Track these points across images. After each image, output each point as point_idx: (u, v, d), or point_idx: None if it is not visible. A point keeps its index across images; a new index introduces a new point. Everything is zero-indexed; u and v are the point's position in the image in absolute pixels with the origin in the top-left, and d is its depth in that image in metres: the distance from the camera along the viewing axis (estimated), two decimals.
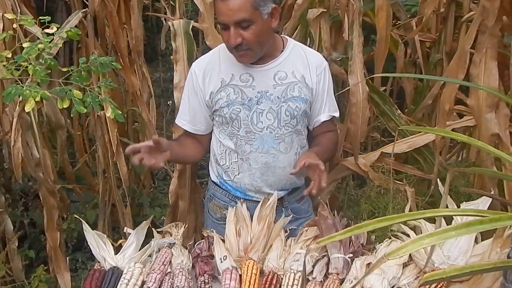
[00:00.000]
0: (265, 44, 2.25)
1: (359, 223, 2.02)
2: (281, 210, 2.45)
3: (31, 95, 1.96)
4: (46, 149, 3.05)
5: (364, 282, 2.00)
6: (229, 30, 2.16)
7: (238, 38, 2.15)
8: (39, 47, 2.11)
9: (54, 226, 3.03)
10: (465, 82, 2.48)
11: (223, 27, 2.19)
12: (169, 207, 2.95)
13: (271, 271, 2.07)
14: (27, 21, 2.30)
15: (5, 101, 2.02)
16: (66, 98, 2.02)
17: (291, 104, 2.32)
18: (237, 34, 2.15)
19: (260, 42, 2.21)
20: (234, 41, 2.16)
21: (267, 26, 2.21)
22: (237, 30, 2.15)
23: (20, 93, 1.98)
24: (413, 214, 1.50)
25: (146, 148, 2.11)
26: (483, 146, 1.92)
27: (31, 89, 1.97)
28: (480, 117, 2.41)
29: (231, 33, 2.15)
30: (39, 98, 1.98)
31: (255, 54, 2.24)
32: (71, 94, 2.02)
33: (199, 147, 2.48)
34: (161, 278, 2.03)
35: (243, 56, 2.24)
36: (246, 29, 2.15)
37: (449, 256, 2.02)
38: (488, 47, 2.35)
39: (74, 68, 2.16)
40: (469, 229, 1.36)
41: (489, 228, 1.36)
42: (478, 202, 2.19)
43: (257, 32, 2.17)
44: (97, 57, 2.21)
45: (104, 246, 2.18)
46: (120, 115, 2.18)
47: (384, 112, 2.80)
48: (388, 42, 2.73)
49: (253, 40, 2.17)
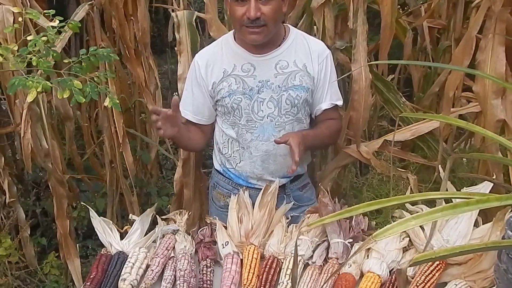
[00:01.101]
0: (278, 24, 2.27)
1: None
2: (283, 197, 2.46)
3: (34, 86, 2.00)
4: (55, 140, 3.10)
5: (363, 265, 2.02)
6: (246, 4, 2.16)
7: (258, 11, 2.16)
8: (43, 40, 2.15)
9: (64, 214, 3.09)
10: (469, 69, 2.47)
11: (238, 2, 2.18)
12: (174, 196, 2.99)
13: (271, 255, 2.09)
14: (33, 14, 2.33)
15: (9, 91, 2.08)
16: (66, 88, 2.06)
17: (292, 92, 2.32)
18: (257, 7, 2.15)
19: (275, 20, 2.22)
20: (255, 13, 2.15)
21: (280, 7, 2.23)
22: (257, 3, 2.15)
23: (23, 84, 2.02)
24: (401, 198, 1.49)
25: (165, 114, 2.20)
26: (481, 131, 1.91)
27: (33, 80, 2.01)
28: (485, 103, 2.40)
29: (252, 5, 2.15)
30: (41, 89, 2.03)
31: (269, 32, 2.24)
32: (71, 84, 2.06)
33: (202, 136, 2.51)
34: (164, 262, 2.09)
35: (256, 33, 2.22)
36: (266, 4, 2.16)
37: (448, 240, 2.01)
38: (495, 33, 2.34)
39: (75, 59, 2.20)
40: (455, 210, 1.36)
41: (475, 209, 1.38)
42: (479, 187, 2.18)
43: (275, 8, 2.18)
44: (97, 48, 2.25)
45: (110, 232, 2.23)
46: (117, 105, 2.22)
47: (388, 100, 2.78)
48: (393, 29, 2.71)
49: (271, 15, 2.18)
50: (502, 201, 1.30)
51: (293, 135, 2.26)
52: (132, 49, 3.29)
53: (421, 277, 1.91)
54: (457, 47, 2.56)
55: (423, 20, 3.52)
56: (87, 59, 2.22)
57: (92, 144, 3.75)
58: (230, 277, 1.99)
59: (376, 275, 1.95)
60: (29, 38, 2.19)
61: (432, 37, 3.66)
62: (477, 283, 1.91)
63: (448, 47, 3.32)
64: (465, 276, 1.93)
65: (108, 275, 2.03)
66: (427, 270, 1.93)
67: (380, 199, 2.46)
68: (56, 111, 3.51)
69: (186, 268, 2.03)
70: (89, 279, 2.02)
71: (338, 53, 2.79)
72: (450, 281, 1.94)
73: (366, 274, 1.97)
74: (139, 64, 3.32)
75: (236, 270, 2.03)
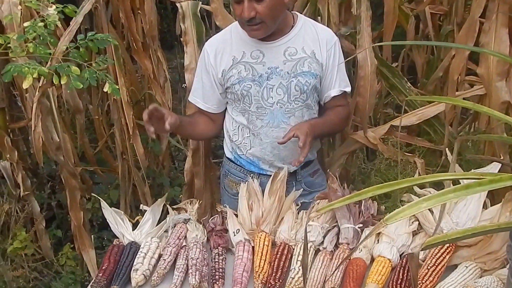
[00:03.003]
0: (277, 18, 2.27)
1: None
2: (294, 184, 2.50)
3: (29, 72, 1.98)
4: (66, 133, 3.12)
5: (373, 250, 2.05)
6: (242, 4, 2.19)
7: (252, 11, 2.18)
8: (39, 26, 2.12)
9: (77, 206, 3.12)
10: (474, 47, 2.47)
11: (236, 1, 2.21)
12: (185, 185, 3.02)
13: (282, 242, 2.12)
14: (32, 2, 2.32)
15: (5, 79, 2.05)
16: (64, 74, 2.05)
17: (301, 79, 2.35)
18: (251, 7, 2.17)
19: (272, 16, 2.23)
20: (248, 14, 2.18)
21: (279, 1, 2.23)
22: (251, 3, 2.17)
23: (19, 70, 2.00)
24: (411, 180, 1.50)
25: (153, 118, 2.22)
26: (489, 111, 1.92)
27: (29, 66, 1.99)
28: (490, 85, 2.42)
29: (245, 6, 2.18)
30: (37, 75, 2.01)
31: (268, 28, 2.26)
32: (68, 70, 2.04)
33: (211, 124, 2.54)
34: (176, 251, 2.12)
35: (255, 30, 2.26)
36: (260, 2, 2.17)
37: (458, 223, 2.05)
38: (499, 12, 2.35)
39: (72, 45, 2.19)
40: (468, 191, 1.34)
41: (488, 189, 1.34)
42: (487, 168, 2.20)
43: (270, 6, 2.19)
44: (95, 33, 2.23)
45: (122, 223, 2.26)
46: (117, 91, 2.22)
47: (393, 85, 2.81)
48: (396, 15, 2.74)
49: (266, 13, 2.19)
50: None
51: (301, 125, 2.30)
52: (140, 42, 3.31)
53: (431, 260, 1.94)
54: (460, 31, 2.57)
55: (425, 6, 3.52)
56: (85, 44, 2.20)
57: (104, 137, 3.78)
58: (242, 264, 2.02)
59: (387, 259, 1.98)
60: (25, 24, 2.17)
61: (435, 23, 3.67)
62: (487, 265, 1.94)
63: (451, 32, 3.33)
64: (475, 258, 1.96)
65: (121, 266, 2.06)
66: (437, 253, 1.96)
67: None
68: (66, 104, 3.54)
69: (198, 256, 2.06)
70: (102, 270, 2.05)
71: (343, 40, 2.81)
72: (460, 263, 1.97)
73: (377, 259, 2.00)
74: (147, 56, 3.34)
75: (248, 257, 2.06)
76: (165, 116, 2.22)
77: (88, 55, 2.22)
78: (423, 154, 2.81)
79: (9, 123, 3.39)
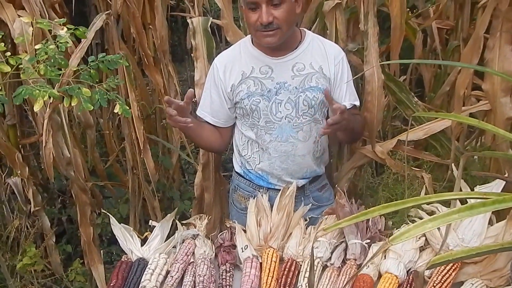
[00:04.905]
0: (292, 26, 2.32)
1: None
2: (303, 198, 2.53)
3: (40, 95, 1.99)
4: (77, 148, 3.14)
5: (380, 266, 2.06)
6: (259, 10, 2.21)
7: (270, 16, 2.21)
8: (51, 48, 2.13)
9: (87, 222, 3.13)
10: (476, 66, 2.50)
11: (252, 8, 2.24)
12: (195, 200, 3.04)
13: (290, 258, 2.13)
14: (43, 24, 2.33)
15: (15, 101, 2.05)
16: (75, 96, 2.05)
17: (309, 94, 2.38)
18: (269, 12, 2.21)
19: (288, 22, 2.27)
20: (267, 19, 2.21)
21: (294, 9, 2.28)
22: (269, 9, 2.21)
23: (30, 93, 2.01)
24: (417, 199, 1.53)
25: (177, 105, 2.28)
26: (493, 129, 1.94)
27: (40, 88, 2.00)
28: (495, 101, 2.45)
29: (263, 11, 2.20)
30: (47, 97, 2.01)
31: (283, 34, 2.28)
32: (79, 92, 2.05)
33: (218, 137, 2.56)
34: (184, 267, 2.12)
35: (271, 36, 2.27)
36: (278, 7, 2.21)
37: (464, 239, 2.05)
38: (502, 31, 2.38)
39: (83, 67, 2.19)
40: (472, 211, 1.36)
41: (492, 210, 1.36)
42: (492, 184, 2.22)
43: (287, 11, 2.23)
44: (105, 55, 2.24)
45: (131, 239, 2.27)
46: (128, 111, 2.22)
47: (401, 100, 2.82)
48: (403, 31, 2.75)
49: (284, 18, 2.23)
50: None
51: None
52: (151, 57, 3.35)
53: (437, 277, 1.95)
54: (465, 47, 2.60)
55: (432, 21, 3.55)
56: (96, 66, 2.21)
57: (114, 151, 3.81)
58: (250, 281, 2.02)
59: (394, 275, 1.99)
60: (36, 47, 2.18)
61: (442, 38, 3.69)
62: (493, 282, 1.95)
63: (457, 47, 3.35)
64: (481, 275, 1.97)
65: (129, 283, 2.06)
66: (443, 270, 1.97)
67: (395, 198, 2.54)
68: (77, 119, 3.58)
69: (205, 273, 2.06)
70: (110, 287, 2.05)
71: (351, 55, 2.83)
72: (466, 280, 1.97)
73: (384, 275, 2.01)
74: (157, 71, 3.38)
75: (256, 274, 2.06)
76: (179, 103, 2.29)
77: (98, 74, 2.25)
78: (430, 168, 2.82)
79: (20, 138, 3.41)
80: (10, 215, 3.42)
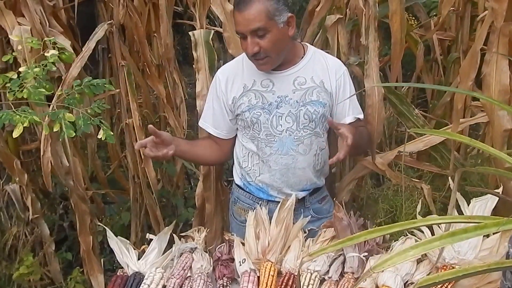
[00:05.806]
0: (282, 52, 2.34)
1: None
2: (303, 210, 2.54)
3: (20, 120, 1.98)
4: (76, 157, 3.12)
5: (378, 279, 2.05)
6: (246, 39, 2.26)
7: (255, 46, 2.25)
8: (35, 71, 2.15)
9: (87, 230, 3.11)
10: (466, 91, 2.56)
11: (241, 37, 2.29)
12: (196, 210, 3.05)
13: (287, 272, 2.13)
14: (32, 42, 2.38)
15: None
16: (57, 121, 2.04)
17: (310, 107, 2.40)
18: (254, 43, 2.25)
19: (277, 50, 2.29)
20: (252, 50, 2.26)
21: (283, 34, 2.29)
22: (254, 39, 2.24)
23: (10, 118, 2.01)
24: (402, 224, 1.52)
25: (150, 142, 2.29)
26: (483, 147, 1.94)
27: (20, 114, 2.00)
28: (492, 113, 2.49)
29: (248, 42, 2.25)
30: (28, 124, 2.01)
31: (274, 61, 2.34)
32: (61, 118, 2.05)
33: (218, 150, 2.59)
34: (180, 282, 2.10)
35: (262, 65, 2.34)
36: (262, 38, 2.24)
37: (460, 251, 2.07)
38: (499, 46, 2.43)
39: (67, 91, 2.20)
40: (453, 238, 1.38)
41: (473, 237, 1.37)
42: (488, 197, 2.22)
43: (273, 40, 2.26)
44: (91, 80, 2.24)
45: (127, 252, 2.24)
46: (111, 137, 2.22)
47: (401, 113, 2.85)
48: (403, 45, 2.78)
49: (270, 47, 2.26)
50: (500, 226, 1.33)
51: (348, 126, 2.29)
52: (153, 67, 3.38)
53: None
54: (464, 60, 2.63)
55: (433, 33, 3.61)
56: (81, 90, 2.21)
57: (117, 158, 3.83)
58: None
59: None
60: (21, 69, 2.19)
61: (444, 48, 3.73)
62: None
63: (458, 58, 3.40)
64: (476, 287, 1.98)
65: None
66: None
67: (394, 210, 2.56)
68: None
69: None
70: None
71: (353, 67, 2.87)
72: None
73: None
74: (159, 81, 3.41)
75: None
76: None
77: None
78: (431, 178, 2.84)
79: (20, 145, 3.39)
80: (8, 222, 3.39)
